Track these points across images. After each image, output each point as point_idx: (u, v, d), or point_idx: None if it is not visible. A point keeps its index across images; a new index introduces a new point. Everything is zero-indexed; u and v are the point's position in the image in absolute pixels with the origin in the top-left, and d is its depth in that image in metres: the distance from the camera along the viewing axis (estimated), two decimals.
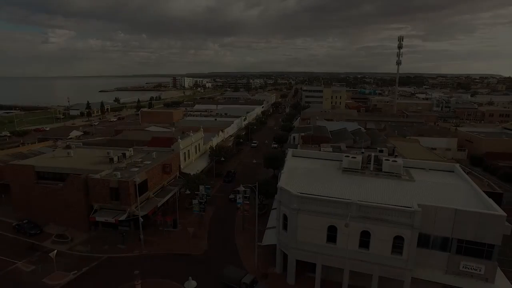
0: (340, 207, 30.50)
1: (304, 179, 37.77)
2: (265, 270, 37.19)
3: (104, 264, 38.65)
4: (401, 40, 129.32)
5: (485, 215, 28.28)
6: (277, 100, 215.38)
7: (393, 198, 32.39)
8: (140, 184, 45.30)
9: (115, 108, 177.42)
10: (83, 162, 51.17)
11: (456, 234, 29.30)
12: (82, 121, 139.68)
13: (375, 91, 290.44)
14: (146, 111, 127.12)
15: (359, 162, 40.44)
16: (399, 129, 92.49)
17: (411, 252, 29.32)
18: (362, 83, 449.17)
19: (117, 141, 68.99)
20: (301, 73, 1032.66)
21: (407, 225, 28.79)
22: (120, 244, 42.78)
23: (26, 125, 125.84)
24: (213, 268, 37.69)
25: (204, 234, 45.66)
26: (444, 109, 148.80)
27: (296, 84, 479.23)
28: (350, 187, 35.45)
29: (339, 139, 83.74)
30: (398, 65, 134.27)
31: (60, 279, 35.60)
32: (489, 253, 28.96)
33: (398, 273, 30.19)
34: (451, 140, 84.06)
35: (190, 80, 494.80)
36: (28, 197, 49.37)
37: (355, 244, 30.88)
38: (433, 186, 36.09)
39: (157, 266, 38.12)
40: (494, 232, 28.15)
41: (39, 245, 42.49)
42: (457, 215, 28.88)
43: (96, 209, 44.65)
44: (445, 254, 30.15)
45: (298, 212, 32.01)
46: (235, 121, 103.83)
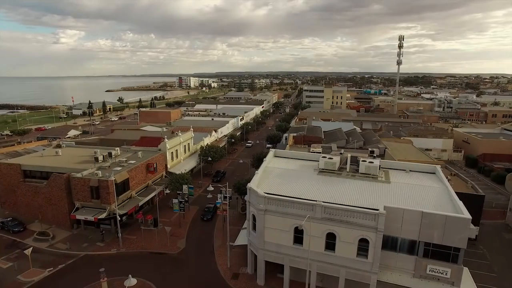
0: (305, 209, 30.30)
1: (277, 180, 37.64)
2: (237, 270, 37.22)
3: (81, 262, 39.20)
4: (401, 40, 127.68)
5: (451, 218, 27.75)
6: (279, 100, 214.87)
7: (363, 200, 32.02)
8: (121, 183, 45.84)
9: (117, 107, 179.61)
10: (69, 161, 51.91)
11: (423, 237, 28.84)
12: (84, 120, 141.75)
13: (380, 91, 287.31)
14: (145, 111, 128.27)
15: (335, 163, 40.10)
16: (394, 130, 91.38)
17: (376, 255, 28.96)
18: (368, 83, 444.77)
19: (108, 141, 69.83)
20: (308, 73, 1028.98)
21: (371, 228, 28.45)
22: (100, 242, 43.37)
23: (29, 124, 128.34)
24: (186, 267, 37.90)
25: (183, 233, 45.93)
26: (446, 109, 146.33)
27: (302, 84, 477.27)
28: (322, 188, 35.17)
29: (332, 139, 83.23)
30: (398, 65, 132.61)
31: (34, 276, 36.23)
32: (455, 256, 28.48)
33: (364, 276, 29.85)
34: (446, 141, 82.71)
35: (196, 80, 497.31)
36: (15, 195, 50.42)
37: (321, 246, 30.66)
38: (407, 188, 35.60)
39: (131, 264, 38.44)
40: (460, 235, 27.61)
41: (20, 243, 43.30)
42: (424, 217, 28.42)
43: (78, 207, 45.25)
44: (413, 257, 29.71)
45: (265, 213, 31.93)
46: (230, 121, 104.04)
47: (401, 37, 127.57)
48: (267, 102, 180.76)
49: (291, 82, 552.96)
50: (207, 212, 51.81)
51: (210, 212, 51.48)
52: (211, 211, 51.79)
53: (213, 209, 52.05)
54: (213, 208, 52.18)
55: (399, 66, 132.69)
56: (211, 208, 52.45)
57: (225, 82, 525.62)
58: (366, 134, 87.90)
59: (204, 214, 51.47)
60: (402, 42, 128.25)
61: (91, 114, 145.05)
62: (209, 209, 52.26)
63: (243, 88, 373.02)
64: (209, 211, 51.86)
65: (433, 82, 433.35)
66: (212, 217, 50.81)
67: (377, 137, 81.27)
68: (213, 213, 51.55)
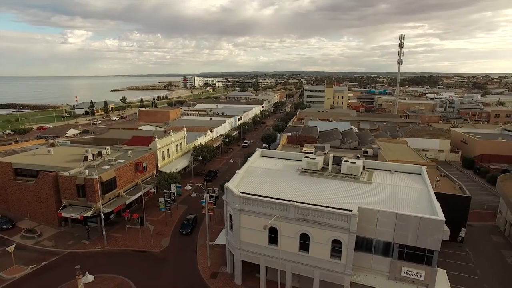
0: (279, 209, 30.23)
1: (258, 179, 37.62)
2: (217, 269, 37.31)
3: (64, 259, 39.70)
4: (402, 39, 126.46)
5: (425, 220, 27.41)
6: (281, 100, 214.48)
7: (340, 201, 31.82)
8: (108, 182, 46.29)
9: (120, 107, 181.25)
10: (59, 160, 52.53)
11: (398, 238, 28.55)
12: (86, 119, 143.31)
13: (385, 91, 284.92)
14: (144, 111, 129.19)
15: (317, 163, 39.90)
16: (391, 130, 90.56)
17: (349, 257, 28.76)
18: (374, 83, 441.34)
19: (102, 140, 70.50)
20: (314, 73, 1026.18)
21: (344, 229, 28.25)
22: (85, 240, 43.88)
23: (31, 123, 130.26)
24: (167, 265, 38.13)
25: (169, 232, 46.18)
26: (448, 109, 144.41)
27: (306, 84, 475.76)
28: (301, 188, 35.03)
29: (328, 139, 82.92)
30: (399, 65, 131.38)
31: (16, 272, 36.81)
32: (429, 258, 28.11)
33: (337, 278, 29.67)
34: (443, 142, 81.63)
35: (201, 80, 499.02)
36: (6, 192, 51.24)
37: (295, 247, 30.56)
38: (388, 188, 35.25)
39: (113, 261, 38.87)
40: (433, 237, 27.26)
41: (8, 240, 43.99)
42: (398, 219, 28.13)
43: (66, 205, 45.78)
44: (387, 259, 29.43)
45: (241, 212, 31.95)
46: (227, 121, 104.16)
47: (401, 37, 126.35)
48: (268, 102, 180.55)
49: (296, 82, 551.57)
50: (186, 225, 46.60)
51: (190, 225, 46.48)
52: (190, 223, 46.82)
53: (193, 221, 47.43)
54: (192, 220, 47.59)
55: (400, 65, 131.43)
56: (191, 220, 47.59)
57: (230, 82, 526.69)
58: (362, 134, 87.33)
59: (183, 227, 46.31)
60: (403, 42, 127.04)
61: (92, 114, 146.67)
62: (188, 222, 47.25)
63: (247, 88, 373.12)
64: (188, 223, 46.84)
65: (439, 82, 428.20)
66: (191, 230, 46.03)
67: (372, 137, 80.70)
68: (193, 225, 46.98)
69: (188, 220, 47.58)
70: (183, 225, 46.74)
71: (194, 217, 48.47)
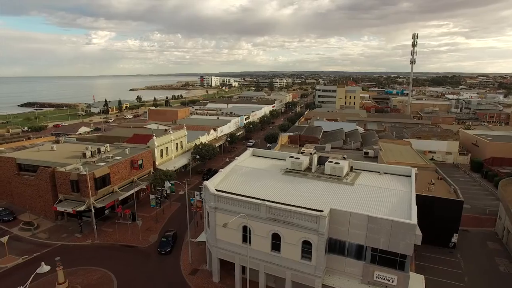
0: (251, 208, 30.23)
1: (241, 179, 37.76)
2: (198, 266, 37.73)
3: (55, 251, 41.24)
4: (415, 38, 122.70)
5: (397, 223, 26.67)
6: (294, 100, 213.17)
7: (316, 201, 31.47)
8: (101, 178, 47.70)
9: (134, 106, 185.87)
10: (60, 156, 54.59)
11: (370, 242, 27.94)
12: (100, 118, 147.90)
13: (402, 91, 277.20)
14: (154, 110, 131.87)
15: (301, 163, 39.53)
16: (398, 131, 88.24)
17: (319, 259, 28.37)
18: (393, 83, 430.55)
19: (106, 137, 72.62)
20: (333, 73, 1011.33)
21: (314, 230, 27.90)
22: (78, 233, 45.44)
23: (49, 121, 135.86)
24: (150, 260, 38.93)
25: (158, 228, 47.05)
26: (464, 110, 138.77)
27: (323, 84, 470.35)
28: (280, 188, 34.90)
29: (331, 139, 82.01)
30: (412, 64, 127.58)
31: (8, 262, 38.64)
32: (401, 263, 27.34)
33: (308, 279, 29.34)
34: (452, 143, 78.70)
35: (217, 79, 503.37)
36: (10, 186, 53.81)
37: (267, 247, 30.48)
38: (370, 190, 34.49)
39: (100, 255, 40.10)
40: (405, 242, 26.48)
41: (7, 231, 46.19)
42: (370, 222, 27.52)
43: (61, 199, 47.56)
44: (360, 262, 28.87)
45: (215, 210, 32.19)
46: (232, 120, 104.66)
47: (415, 35, 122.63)
48: (279, 101, 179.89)
49: (313, 82, 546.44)
50: (165, 243, 40.65)
51: (169, 243, 40.69)
52: (170, 240, 41.05)
53: (172, 238, 41.80)
54: (172, 237, 41.95)
55: (413, 65, 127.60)
56: (170, 236, 41.77)
57: (247, 82, 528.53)
58: (367, 135, 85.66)
59: (162, 245, 40.38)
60: (416, 41, 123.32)
61: (106, 112, 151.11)
62: (167, 239, 41.28)
63: (262, 87, 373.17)
64: (167, 241, 40.91)
65: (462, 82, 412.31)
66: (172, 249, 40.38)
67: (376, 138, 78.97)
68: (173, 242, 41.42)
69: (167, 237, 41.76)
70: (162, 243, 40.81)
71: (174, 233, 43.13)
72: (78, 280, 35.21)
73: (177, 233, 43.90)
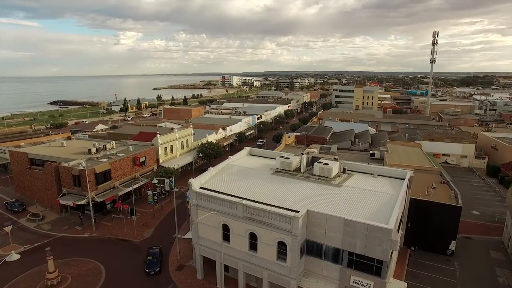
0: (230, 206, 30.33)
1: (229, 177, 37.92)
2: (185, 262, 38.30)
3: (54, 242, 43.26)
4: (435, 37, 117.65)
5: (372, 227, 25.86)
6: (312, 100, 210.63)
7: (298, 202, 31.00)
8: (102, 173, 49.46)
9: (153, 104, 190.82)
10: (67, 152, 57.14)
11: (346, 245, 27.30)
12: (119, 116, 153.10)
13: (427, 92, 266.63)
14: (169, 108, 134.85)
15: (291, 163, 39.10)
16: (411, 132, 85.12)
17: (293, 260, 28.02)
18: (419, 83, 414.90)
19: (116, 135, 75.15)
20: (358, 73, 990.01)
21: (288, 231, 27.57)
22: (78, 226, 47.39)
23: (71, 118, 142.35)
24: (141, 254, 39.96)
25: (154, 224, 48.16)
26: (488, 112, 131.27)
27: (347, 84, 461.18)
28: (265, 188, 34.72)
29: (340, 140, 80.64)
30: (431, 63, 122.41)
31: (10, 250, 40.74)
32: (378, 269, 26.46)
33: (284, 281, 29.04)
34: (467, 146, 74.90)
35: (239, 79, 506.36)
36: (23, 179, 56.96)
37: (245, 246, 30.46)
38: (357, 193, 33.56)
39: (95, 247, 41.70)
40: (381, 247, 25.60)
41: (16, 221, 48.96)
42: (346, 225, 26.87)
43: (65, 193, 49.77)
44: (337, 266, 28.27)
45: (197, 208, 32.57)
46: (243, 119, 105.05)
47: (435, 34, 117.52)
48: (296, 101, 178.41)
49: (336, 82, 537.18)
50: (152, 262, 36.32)
51: (157, 262, 36.42)
52: (157, 260, 36.74)
53: (159, 255, 37.49)
54: (158, 254, 37.58)
55: (432, 64, 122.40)
56: (157, 254, 37.48)
57: (268, 82, 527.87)
58: (377, 137, 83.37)
59: (149, 265, 36.05)
60: (437, 39, 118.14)
61: (126, 110, 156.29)
62: (153, 257, 36.83)
63: (282, 87, 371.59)
64: (153, 261, 36.48)
65: (495, 82, 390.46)
66: (160, 268, 36.26)
67: (386, 139, 76.64)
68: (160, 260, 37.07)
69: (153, 255, 37.20)
70: (149, 264, 36.33)
71: (159, 250, 38.81)
72: (70, 270, 36.75)
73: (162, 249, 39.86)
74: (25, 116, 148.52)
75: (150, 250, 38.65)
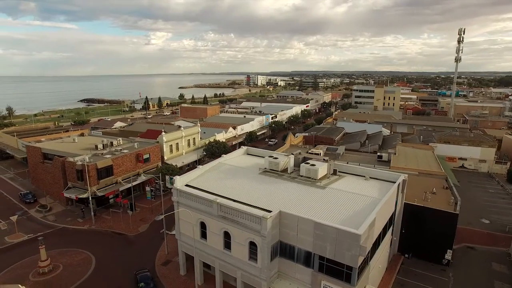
0: (206, 204, 30.53)
1: (215, 176, 38.13)
2: (172, 258, 39.01)
3: (55, 232, 45.70)
4: (461, 34, 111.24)
5: (342, 232, 25.02)
6: (333, 100, 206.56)
7: (276, 203, 30.50)
8: (103, 169, 51.46)
9: (174, 103, 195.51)
10: (76, 148, 59.94)
11: (317, 249, 26.63)
12: (141, 114, 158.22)
13: (458, 93, 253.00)
14: (185, 107, 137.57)
15: (278, 163, 38.63)
16: (426, 134, 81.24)
17: (263, 261, 27.70)
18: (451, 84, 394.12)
19: (127, 132, 77.72)
20: (387, 73, 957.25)
21: (257, 232, 27.30)
22: (80, 218, 49.62)
23: (96, 116, 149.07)
24: (132, 248, 41.27)
25: (151, 219, 49.37)
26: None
27: (374, 84, 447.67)
28: (247, 187, 34.57)
29: (350, 141, 78.79)
30: (456, 63, 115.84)
31: (16, 238, 43.68)
32: (348, 275, 25.56)
33: (256, 282, 28.79)
34: (486, 150, 70.29)
35: (264, 78, 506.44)
36: (37, 172, 60.48)
37: (220, 244, 30.51)
38: (339, 195, 32.61)
39: (91, 239, 43.58)
40: (350, 252, 24.71)
41: (26, 211, 52.12)
42: (316, 228, 26.20)
43: (70, 187, 52.28)
44: (309, 270, 27.61)
45: (178, 205, 33.04)
46: (256, 119, 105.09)
47: (461, 31, 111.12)
48: (315, 101, 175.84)
49: (362, 82, 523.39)
50: None
51: None
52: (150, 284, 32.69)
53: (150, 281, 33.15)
54: (150, 278, 33.53)
55: (457, 63, 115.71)
56: (149, 278, 33.35)
57: (293, 81, 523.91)
58: (390, 138, 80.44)
59: None
60: (463, 37, 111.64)
61: (147, 109, 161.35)
62: (145, 282, 32.66)
63: (306, 87, 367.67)
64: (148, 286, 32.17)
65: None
66: None
67: (397, 141, 73.72)
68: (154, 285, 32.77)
69: (145, 280, 33.13)
70: None
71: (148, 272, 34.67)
72: (63, 260, 38.61)
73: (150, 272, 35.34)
74: (51, 114, 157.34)
75: (139, 275, 33.83)
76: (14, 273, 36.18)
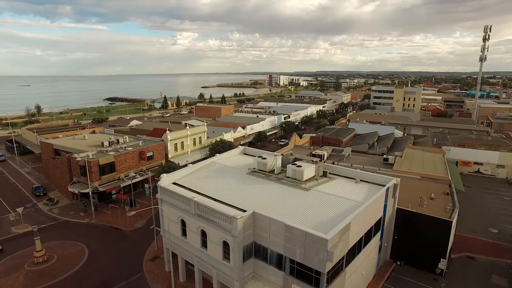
0: (184, 202, 30.85)
1: (204, 175, 38.49)
2: (160, 254, 39.73)
3: (57, 225, 47.87)
4: (487, 31, 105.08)
5: (310, 236, 24.46)
6: (352, 100, 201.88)
7: (255, 203, 30.31)
8: (105, 165, 53.25)
9: (193, 102, 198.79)
10: (84, 144, 62.40)
11: (287, 252, 26.24)
12: (159, 112, 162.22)
13: (489, 94, 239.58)
14: (200, 106, 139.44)
15: (266, 164, 38.32)
16: (440, 137, 77.51)
17: (235, 261, 27.58)
18: (483, 84, 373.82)
19: (137, 130, 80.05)
20: (415, 73, 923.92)
21: (229, 232, 27.22)
22: (82, 212, 51.65)
23: (115, 114, 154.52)
24: (125, 243, 42.46)
25: (148, 215, 50.48)
26: None
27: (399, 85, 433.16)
28: (230, 187, 34.61)
29: (359, 143, 77.03)
30: (481, 62, 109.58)
31: (21, 229, 46.21)
32: (316, 280, 24.96)
33: (230, 282, 28.70)
34: (505, 155, 66.02)
35: (286, 78, 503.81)
36: (49, 167, 63.64)
37: (198, 242, 30.71)
38: (321, 198, 31.90)
39: (88, 232, 45.29)
40: (318, 257, 24.11)
41: (35, 204, 54.97)
42: (286, 230, 25.80)
43: (75, 181, 54.55)
44: (281, 272, 27.22)
45: (162, 202, 33.61)
46: (267, 119, 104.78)
47: (486, 28, 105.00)
48: (333, 102, 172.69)
49: (387, 83, 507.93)
50: None
51: None
52: None
53: None
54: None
55: (482, 63, 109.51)
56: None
57: (316, 81, 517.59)
58: (401, 141, 77.71)
59: None
60: (489, 34, 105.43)
61: (165, 107, 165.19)
62: None
63: (328, 87, 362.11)
64: None
65: None
66: None
67: (408, 144, 70.98)
68: None
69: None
70: None
71: None
72: (59, 251, 40.35)
73: None
74: (75, 112, 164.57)
75: None
76: (11, 262, 38.25)
